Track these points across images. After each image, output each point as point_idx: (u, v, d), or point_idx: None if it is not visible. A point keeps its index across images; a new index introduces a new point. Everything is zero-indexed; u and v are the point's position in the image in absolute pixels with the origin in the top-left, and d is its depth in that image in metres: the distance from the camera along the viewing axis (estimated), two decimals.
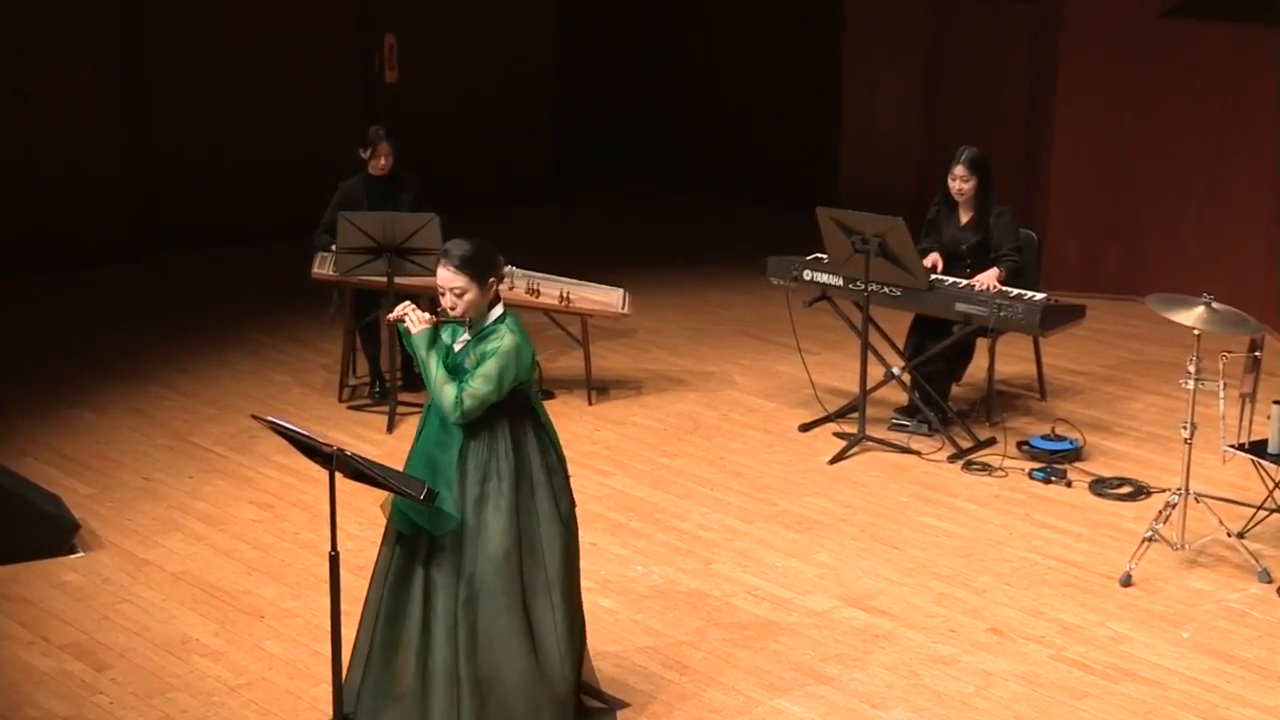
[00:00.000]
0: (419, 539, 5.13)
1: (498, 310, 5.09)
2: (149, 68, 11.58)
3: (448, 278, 5.01)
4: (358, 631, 5.27)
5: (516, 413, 5.11)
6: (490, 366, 4.98)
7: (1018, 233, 8.21)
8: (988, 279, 7.96)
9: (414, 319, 5.08)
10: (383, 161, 8.56)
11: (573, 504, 5.24)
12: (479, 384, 4.97)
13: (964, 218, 8.23)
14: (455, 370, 5.05)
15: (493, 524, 5.05)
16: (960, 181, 8.10)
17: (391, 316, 5.14)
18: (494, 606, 5.07)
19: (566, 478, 5.24)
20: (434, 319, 5.09)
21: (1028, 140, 11.07)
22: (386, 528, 5.24)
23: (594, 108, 14.24)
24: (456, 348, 5.11)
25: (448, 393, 4.98)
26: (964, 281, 8.01)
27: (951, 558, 6.91)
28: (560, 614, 5.14)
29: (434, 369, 5.03)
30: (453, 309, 5.04)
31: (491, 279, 5.04)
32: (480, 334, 5.07)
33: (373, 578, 5.26)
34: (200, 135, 11.84)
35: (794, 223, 10.85)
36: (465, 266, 4.99)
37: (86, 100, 11.30)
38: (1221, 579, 6.68)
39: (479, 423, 5.05)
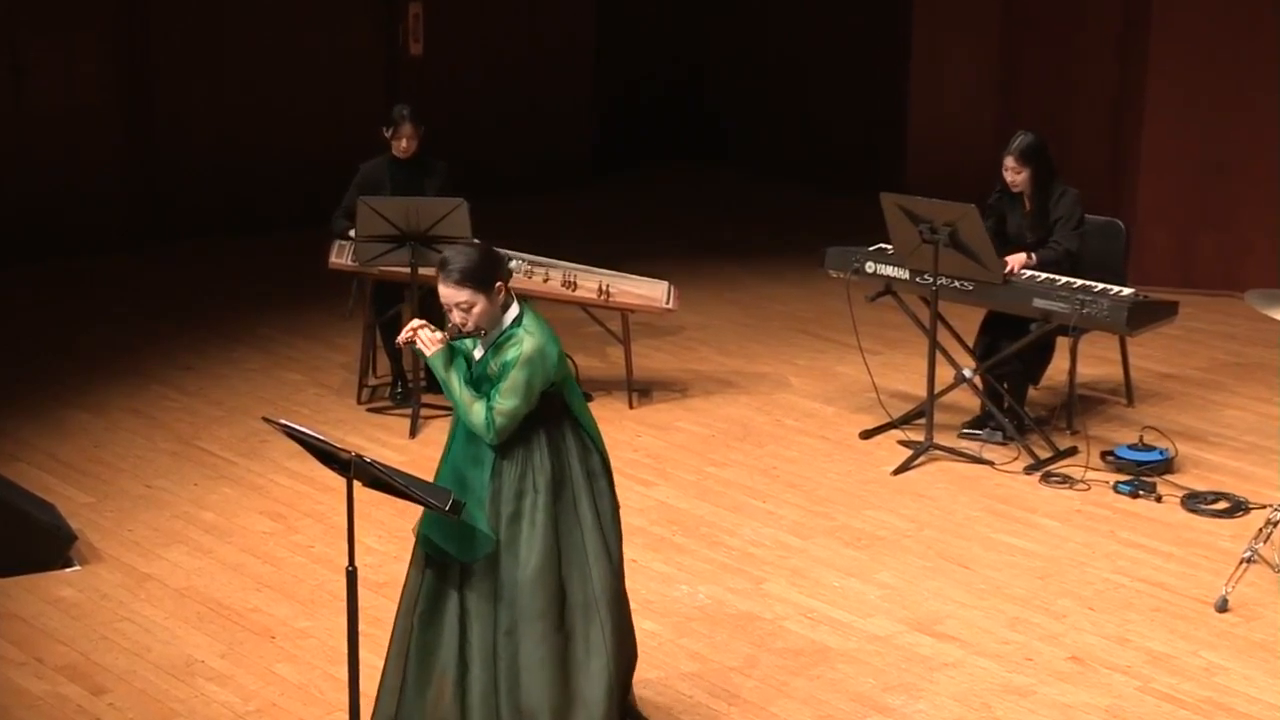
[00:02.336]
0: (451, 562, 5.16)
1: (512, 312, 5.10)
2: (151, 39, 11.66)
3: (451, 294, 5.01)
4: (386, 662, 5.29)
5: (552, 417, 5.13)
6: (515, 378, 4.99)
7: (1078, 215, 8.15)
8: (1013, 261, 7.97)
9: (425, 339, 5.09)
10: (405, 144, 8.60)
11: (616, 507, 5.26)
12: (506, 400, 4.98)
13: (1027, 206, 8.22)
14: (479, 383, 5.07)
15: (527, 541, 5.07)
16: (1012, 173, 8.10)
17: (401, 340, 5.15)
18: (533, 633, 5.09)
19: (610, 481, 5.26)
20: (446, 337, 5.09)
21: (1115, 118, 11.03)
22: (415, 549, 5.26)
23: (637, 84, 14.26)
24: (476, 355, 5.13)
25: (477, 413, 5.01)
26: (1042, 275, 8.00)
27: (1028, 579, 6.89)
28: (609, 630, 5.16)
29: (458, 389, 5.05)
30: (464, 325, 5.05)
31: (498, 284, 5.04)
32: (497, 341, 5.07)
33: (400, 604, 5.27)
34: (207, 112, 11.92)
35: (856, 210, 10.83)
36: (468, 279, 4.99)
37: (84, 75, 11.39)
38: None
39: (512, 434, 5.07)
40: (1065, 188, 8.17)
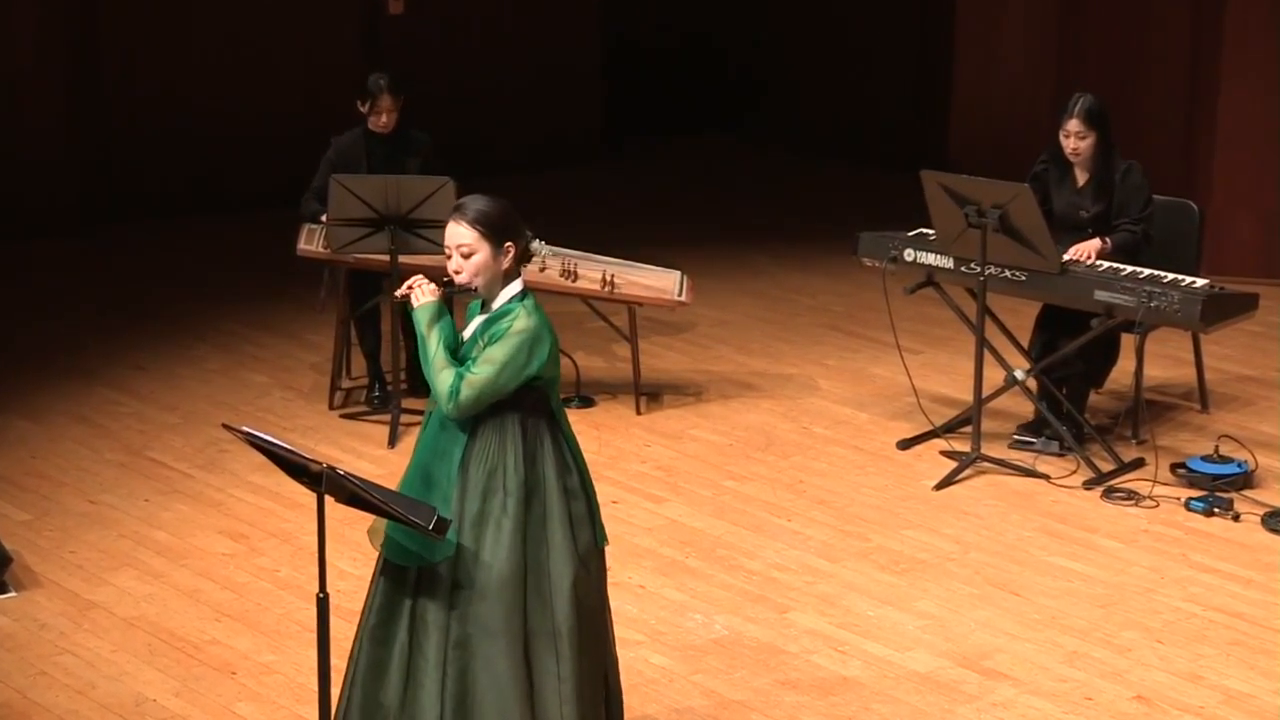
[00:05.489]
0: (407, 569, 5.17)
1: (515, 287, 5.16)
2: None
3: (455, 233, 5.13)
4: (341, 690, 5.29)
5: (533, 416, 5.15)
6: (496, 350, 5.04)
7: (1149, 196, 8.18)
8: (1085, 248, 7.97)
9: (420, 291, 5.18)
10: (384, 119, 8.61)
11: (594, 540, 5.25)
12: (481, 369, 5.04)
13: (1080, 179, 8.22)
14: (462, 361, 5.11)
15: (491, 548, 5.10)
16: (1075, 139, 8.10)
17: (399, 292, 5.23)
18: (490, 649, 5.11)
19: (590, 506, 5.26)
20: (440, 291, 5.17)
21: (1188, 90, 11.01)
22: (379, 561, 5.27)
23: (652, 45, 14.25)
24: (465, 335, 5.16)
25: (444, 379, 5.06)
26: (1104, 264, 8.00)
27: (1088, 608, 6.90)
28: (568, 669, 5.15)
29: (433, 349, 5.11)
30: (457, 273, 5.13)
31: (508, 243, 5.13)
32: (492, 315, 5.13)
33: (360, 623, 5.29)
34: (162, 77, 11.92)
35: (895, 190, 10.83)
36: (480, 222, 5.11)
37: (21, 33, 11.39)
38: None
39: (486, 425, 5.10)
40: (1129, 161, 8.17)
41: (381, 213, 8.12)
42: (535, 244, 5.29)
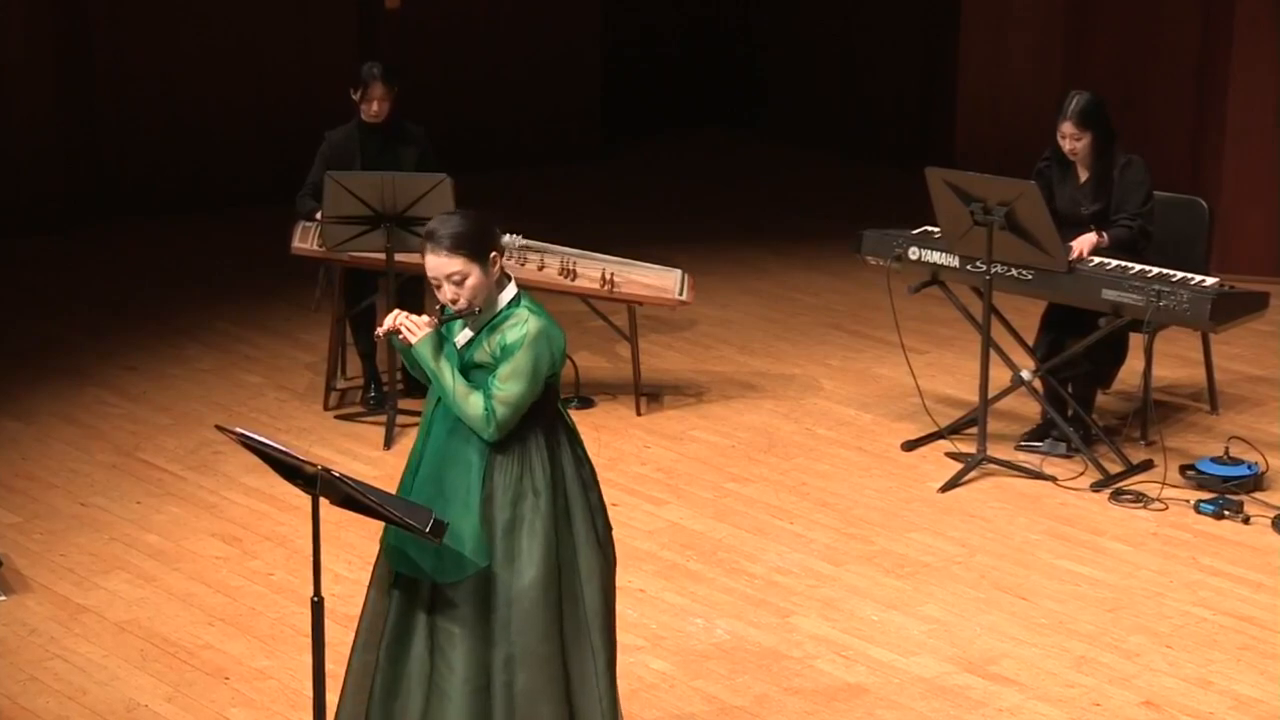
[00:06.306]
0: (423, 579, 5.16)
1: (510, 291, 5.14)
2: None
3: (440, 264, 5.06)
4: (340, 702, 5.29)
5: (548, 414, 5.15)
6: (520, 361, 5.02)
7: (1149, 191, 8.17)
8: (1081, 244, 7.96)
9: (410, 326, 5.12)
10: (375, 107, 8.61)
11: (609, 526, 5.27)
12: (509, 386, 5.01)
13: (1082, 176, 8.22)
14: (466, 373, 5.09)
15: (528, 552, 5.08)
16: (1070, 140, 8.11)
17: (382, 331, 5.18)
18: (532, 659, 5.10)
19: (600, 494, 5.27)
20: (434, 320, 5.12)
21: (1196, 87, 11.01)
22: (378, 566, 5.26)
23: (653, 40, 14.25)
24: (459, 342, 5.14)
25: (474, 405, 5.03)
26: (1112, 261, 8.00)
27: (1095, 612, 6.89)
28: (602, 662, 5.18)
29: (450, 381, 5.07)
30: (455, 302, 5.08)
31: (493, 254, 5.09)
32: (490, 322, 5.10)
33: (358, 634, 5.27)
34: (154, 70, 11.92)
35: (898, 186, 10.83)
36: (460, 246, 5.04)
37: (9, 23, 11.37)
38: None
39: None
40: (1129, 155, 8.17)
41: (378, 210, 8.11)
42: (505, 238, 5.26)
